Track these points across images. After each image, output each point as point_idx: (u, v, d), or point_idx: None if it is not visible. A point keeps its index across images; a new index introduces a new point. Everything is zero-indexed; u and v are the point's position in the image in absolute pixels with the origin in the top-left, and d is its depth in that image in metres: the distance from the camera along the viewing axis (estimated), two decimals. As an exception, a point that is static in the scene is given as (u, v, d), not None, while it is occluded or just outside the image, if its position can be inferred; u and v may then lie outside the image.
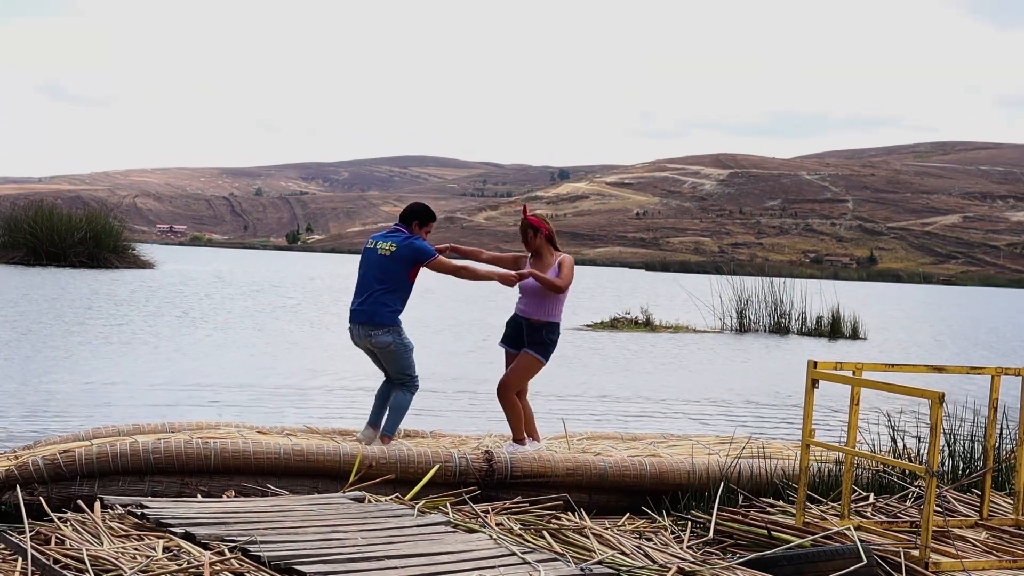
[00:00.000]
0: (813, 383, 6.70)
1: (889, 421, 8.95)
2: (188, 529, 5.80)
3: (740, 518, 6.88)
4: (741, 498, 7.64)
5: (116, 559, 5.31)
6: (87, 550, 5.39)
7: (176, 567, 5.21)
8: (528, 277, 8.61)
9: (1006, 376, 6.99)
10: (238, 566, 5.31)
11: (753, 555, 6.11)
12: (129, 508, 6.25)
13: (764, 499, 7.50)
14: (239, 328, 23.60)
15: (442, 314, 31.31)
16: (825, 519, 6.84)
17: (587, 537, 6.21)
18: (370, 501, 7.01)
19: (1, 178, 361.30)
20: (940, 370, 6.91)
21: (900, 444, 8.65)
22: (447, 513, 6.69)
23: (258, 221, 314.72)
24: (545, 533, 6.29)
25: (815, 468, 7.88)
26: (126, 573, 5.13)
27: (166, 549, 5.53)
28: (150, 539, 5.69)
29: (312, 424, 9.87)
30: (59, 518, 5.99)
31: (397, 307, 8.59)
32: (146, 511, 6.16)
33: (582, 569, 5.59)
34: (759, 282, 31.28)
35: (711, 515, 6.97)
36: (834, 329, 29.86)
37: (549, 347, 8.70)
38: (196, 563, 5.25)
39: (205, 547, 5.58)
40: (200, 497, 6.98)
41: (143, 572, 5.18)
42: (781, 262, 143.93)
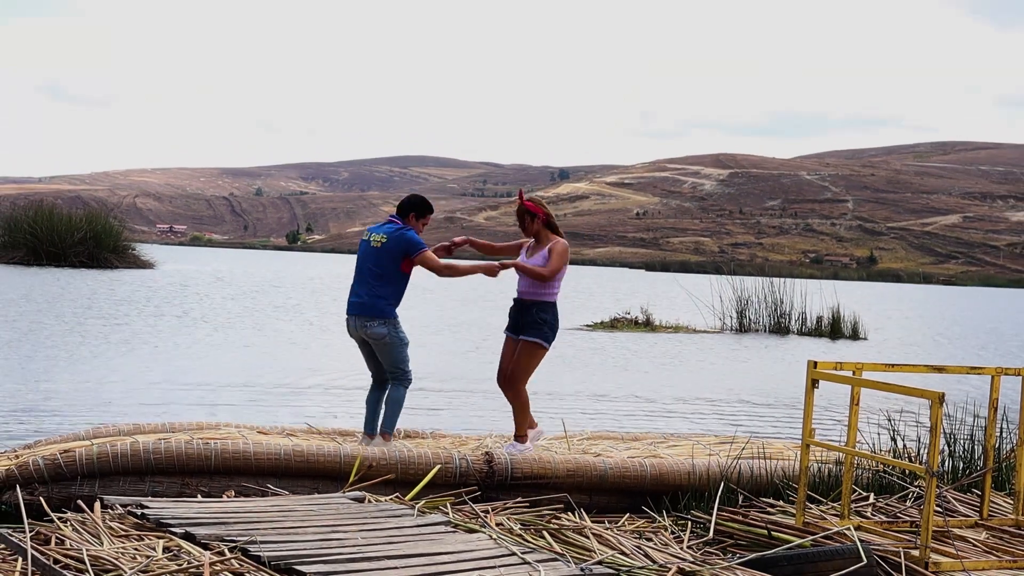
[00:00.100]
0: (813, 383, 6.70)
1: (889, 421, 8.95)
2: (188, 529, 5.80)
3: (740, 518, 6.88)
4: (741, 498, 7.64)
5: (116, 559, 5.31)
6: (87, 550, 5.39)
7: (176, 567, 5.21)
8: (511, 267, 8.53)
9: (1006, 376, 6.99)
10: (238, 566, 5.31)
11: (753, 555, 6.11)
12: (129, 508, 6.25)
13: (764, 499, 7.50)
14: (239, 328, 23.60)
15: (442, 314, 31.33)
16: (825, 519, 6.84)
17: (587, 537, 6.21)
18: (370, 501, 7.01)
19: (1, 178, 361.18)
20: (940, 370, 6.92)
21: (900, 444, 8.64)
22: (447, 513, 6.69)
23: (258, 221, 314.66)
24: (545, 533, 6.29)
25: (815, 468, 7.87)
26: (126, 573, 5.13)
27: (166, 549, 5.53)
28: (150, 539, 5.69)
29: (313, 424, 9.86)
30: (59, 518, 5.99)
31: (392, 299, 8.53)
32: (146, 511, 6.16)
33: (582, 569, 5.59)
34: (759, 282, 31.29)
35: (711, 515, 6.97)
36: (834, 329, 29.87)
37: (542, 327, 8.53)
38: (196, 563, 5.26)
39: (205, 547, 5.58)
40: (200, 497, 6.98)
41: (143, 572, 5.18)
42: (781, 262, 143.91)
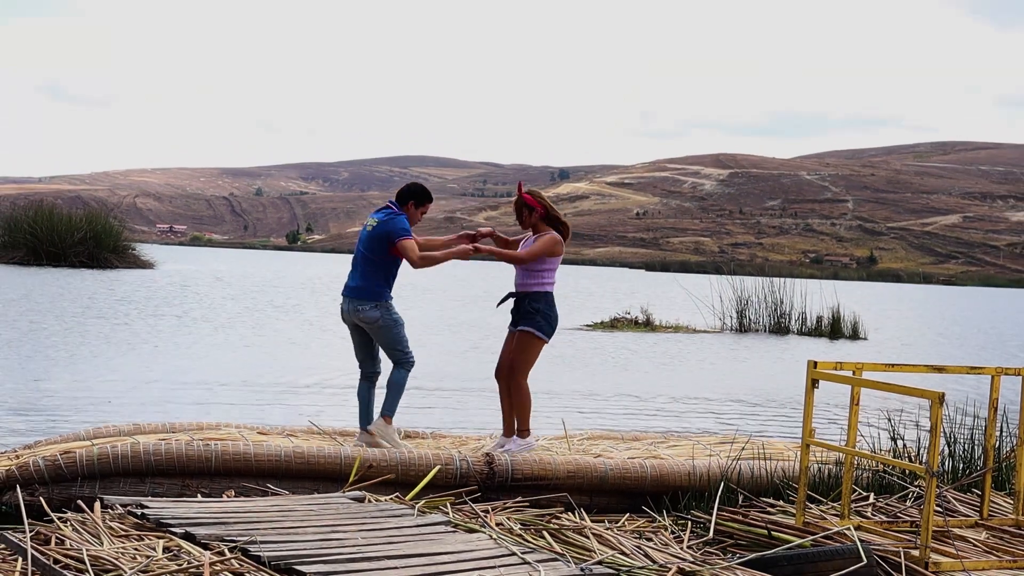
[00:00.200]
0: (813, 383, 6.70)
1: (889, 421, 8.95)
2: (188, 529, 5.80)
3: (740, 518, 6.88)
4: (741, 498, 7.64)
5: (116, 559, 5.31)
6: (87, 550, 5.39)
7: (176, 567, 5.21)
8: (484, 252, 8.50)
9: (1006, 376, 6.99)
10: (238, 566, 5.31)
11: (753, 555, 6.11)
12: (129, 508, 6.25)
13: (764, 499, 7.50)
14: (239, 328, 23.60)
15: (442, 314, 31.33)
16: (825, 519, 6.84)
17: (587, 537, 6.21)
18: (370, 501, 7.01)
19: (1, 178, 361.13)
20: (940, 370, 6.92)
21: (900, 444, 8.64)
22: (447, 513, 6.69)
23: (258, 221, 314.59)
24: (545, 533, 6.29)
25: (815, 468, 7.87)
26: (126, 573, 5.13)
27: (166, 549, 5.53)
28: (150, 539, 5.69)
29: (313, 424, 9.84)
30: (59, 518, 5.98)
31: (382, 282, 8.48)
32: (146, 511, 6.16)
33: (582, 569, 5.59)
34: (759, 282, 31.29)
35: (711, 515, 6.97)
36: (834, 329, 29.86)
37: (535, 316, 8.45)
38: (196, 563, 5.25)
39: (205, 547, 5.58)
40: (200, 498, 6.98)
41: (143, 572, 5.18)
42: (781, 262, 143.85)
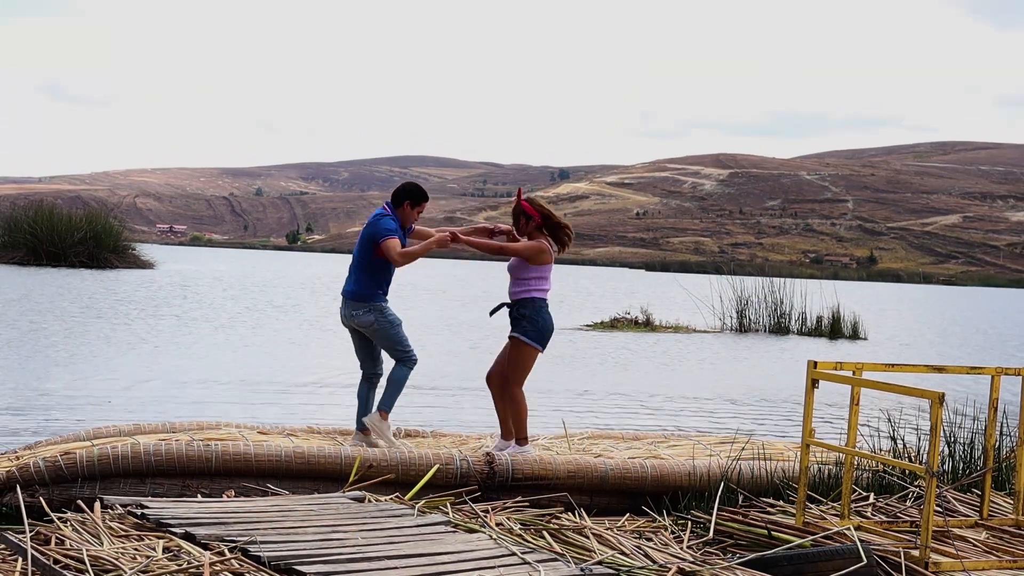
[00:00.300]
0: (813, 383, 6.70)
1: (889, 421, 8.95)
2: (188, 529, 5.80)
3: (740, 518, 6.88)
4: (741, 498, 7.64)
5: (116, 559, 5.31)
6: (87, 550, 5.39)
7: (176, 567, 5.21)
8: (462, 242, 8.44)
9: (1006, 376, 6.99)
10: (238, 566, 5.31)
11: (753, 555, 6.10)
12: (129, 508, 6.25)
13: (764, 499, 7.50)
14: (239, 328, 23.60)
15: (442, 314, 31.34)
16: (825, 519, 6.84)
17: (587, 537, 6.21)
18: (370, 501, 7.01)
19: (1, 178, 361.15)
20: (940, 370, 6.91)
21: (900, 444, 8.64)
22: (447, 513, 6.68)
23: (258, 221, 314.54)
24: (545, 533, 6.29)
25: (815, 468, 7.87)
26: (126, 573, 5.13)
27: (166, 549, 5.53)
28: (150, 539, 5.69)
29: (313, 423, 9.85)
30: (59, 518, 5.98)
31: (373, 284, 8.41)
32: (146, 511, 6.16)
33: (582, 569, 5.59)
34: (759, 282, 31.29)
35: (711, 515, 6.97)
36: (834, 329, 29.87)
37: (522, 321, 8.37)
38: (196, 563, 5.25)
39: (205, 547, 5.58)
40: (200, 498, 6.97)
41: (143, 572, 5.18)
42: (781, 262, 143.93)
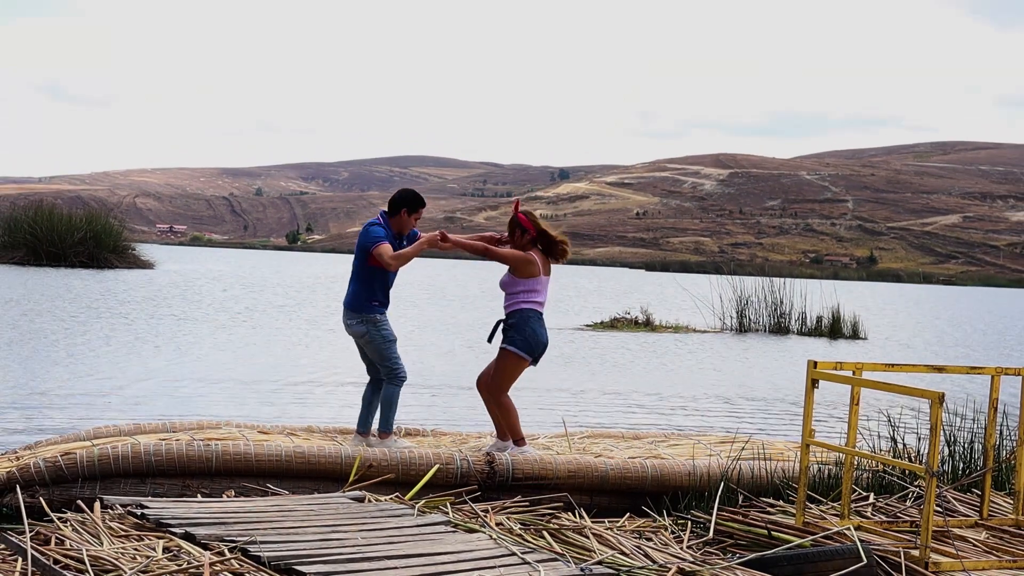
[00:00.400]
0: (813, 383, 6.70)
1: (889, 421, 8.95)
2: (188, 529, 5.80)
3: (740, 518, 6.88)
4: (741, 498, 7.64)
5: (116, 559, 5.31)
6: (87, 550, 5.39)
7: (176, 567, 5.21)
8: (451, 241, 8.40)
9: (1006, 376, 6.99)
10: (238, 566, 5.31)
11: (753, 555, 6.10)
12: (129, 508, 6.25)
13: (764, 499, 7.50)
14: (239, 328, 23.60)
15: (442, 314, 31.35)
16: (825, 519, 6.84)
17: (587, 537, 6.21)
18: (370, 501, 7.01)
19: (1, 178, 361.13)
20: (940, 370, 6.91)
21: (900, 444, 8.65)
22: (447, 513, 6.68)
23: (258, 221, 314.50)
24: (545, 533, 6.29)
25: (815, 468, 7.87)
26: (126, 573, 5.13)
27: (166, 549, 5.53)
28: (150, 539, 5.69)
29: (313, 423, 9.85)
30: (59, 518, 5.98)
31: (367, 294, 8.36)
32: (146, 511, 6.16)
33: (582, 569, 5.59)
34: (759, 282, 31.29)
35: (711, 515, 6.96)
36: (834, 329, 29.86)
37: (510, 332, 8.37)
38: (196, 563, 5.25)
39: (205, 547, 5.58)
40: (200, 498, 6.97)
41: (143, 572, 5.18)
42: (781, 262, 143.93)
